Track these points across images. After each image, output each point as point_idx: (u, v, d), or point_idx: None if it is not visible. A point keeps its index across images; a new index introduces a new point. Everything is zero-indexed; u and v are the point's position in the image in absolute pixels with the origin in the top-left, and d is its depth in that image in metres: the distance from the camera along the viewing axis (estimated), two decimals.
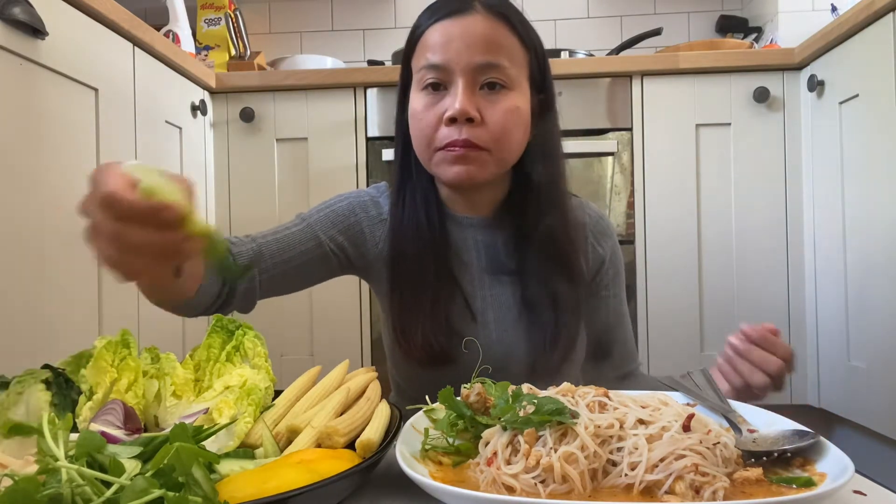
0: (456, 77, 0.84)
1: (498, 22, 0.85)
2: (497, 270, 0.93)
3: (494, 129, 0.84)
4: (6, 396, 0.57)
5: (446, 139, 0.84)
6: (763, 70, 1.81)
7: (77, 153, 1.29)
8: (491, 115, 0.84)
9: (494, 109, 0.84)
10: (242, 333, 0.68)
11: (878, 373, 1.49)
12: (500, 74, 0.84)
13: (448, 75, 0.84)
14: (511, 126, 0.85)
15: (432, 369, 0.86)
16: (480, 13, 0.85)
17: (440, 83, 0.85)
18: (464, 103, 0.82)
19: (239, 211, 1.93)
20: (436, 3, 0.89)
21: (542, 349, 0.89)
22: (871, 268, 1.51)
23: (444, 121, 0.84)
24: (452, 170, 0.85)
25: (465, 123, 0.83)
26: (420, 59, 0.87)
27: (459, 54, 0.83)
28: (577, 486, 0.46)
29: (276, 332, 1.88)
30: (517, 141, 0.88)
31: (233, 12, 2.24)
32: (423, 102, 0.86)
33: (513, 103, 0.85)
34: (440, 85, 0.85)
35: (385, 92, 1.90)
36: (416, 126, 0.88)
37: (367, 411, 0.62)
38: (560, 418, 0.50)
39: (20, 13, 1.10)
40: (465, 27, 0.84)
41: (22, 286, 1.13)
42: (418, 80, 0.87)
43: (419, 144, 0.88)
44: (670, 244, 1.83)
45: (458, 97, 0.82)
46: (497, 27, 0.85)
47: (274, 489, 0.44)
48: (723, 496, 0.44)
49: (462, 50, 0.83)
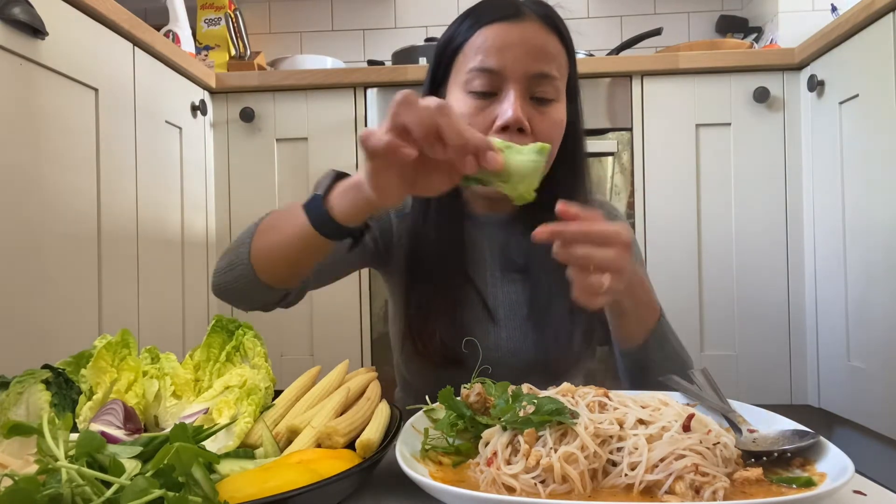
0: (509, 84, 0.82)
1: (550, 31, 0.84)
2: (509, 268, 0.92)
3: (543, 140, 0.80)
4: (6, 396, 0.57)
5: None
6: (763, 70, 1.81)
7: (77, 153, 1.29)
8: (540, 126, 0.83)
9: (543, 121, 0.83)
10: (242, 333, 0.68)
11: (878, 373, 1.49)
12: (550, 86, 0.83)
13: (500, 81, 0.82)
14: (556, 138, 0.85)
15: (445, 369, 0.86)
16: (535, 21, 0.83)
17: (491, 90, 0.83)
18: (517, 111, 0.80)
19: (239, 211, 1.93)
20: (482, 4, 0.87)
21: (555, 347, 0.88)
22: (871, 268, 1.51)
23: (494, 128, 0.82)
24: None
25: (517, 133, 0.81)
26: (469, 61, 0.84)
27: (516, 61, 0.81)
28: (577, 486, 0.46)
29: (276, 332, 1.88)
30: (554, 152, 0.86)
31: (233, 12, 2.24)
32: (470, 106, 0.83)
33: (559, 116, 0.85)
34: (490, 93, 0.83)
35: (385, 92, 1.90)
36: None
37: (367, 411, 0.62)
38: (560, 418, 0.50)
39: (20, 13, 1.10)
40: (522, 33, 0.82)
41: (22, 286, 1.13)
42: (464, 82, 0.84)
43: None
44: (670, 244, 1.83)
45: (513, 105, 0.80)
46: (550, 37, 0.84)
47: (274, 489, 0.44)
48: (723, 496, 0.44)
49: (520, 57, 0.81)
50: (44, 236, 1.19)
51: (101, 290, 1.34)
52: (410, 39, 2.45)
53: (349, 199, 0.65)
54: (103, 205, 1.36)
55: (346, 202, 0.65)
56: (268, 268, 0.75)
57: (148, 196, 1.55)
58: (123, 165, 1.45)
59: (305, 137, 1.92)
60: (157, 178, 1.60)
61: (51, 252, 1.20)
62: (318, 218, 0.66)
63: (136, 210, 1.49)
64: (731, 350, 1.83)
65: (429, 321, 0.87)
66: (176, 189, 1.71)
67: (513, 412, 0.52)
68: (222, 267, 0.79)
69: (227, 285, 0.79)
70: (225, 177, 1.94)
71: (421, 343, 0.88)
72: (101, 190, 1.35)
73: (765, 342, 1.81)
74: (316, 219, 0.66)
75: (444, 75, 0.89)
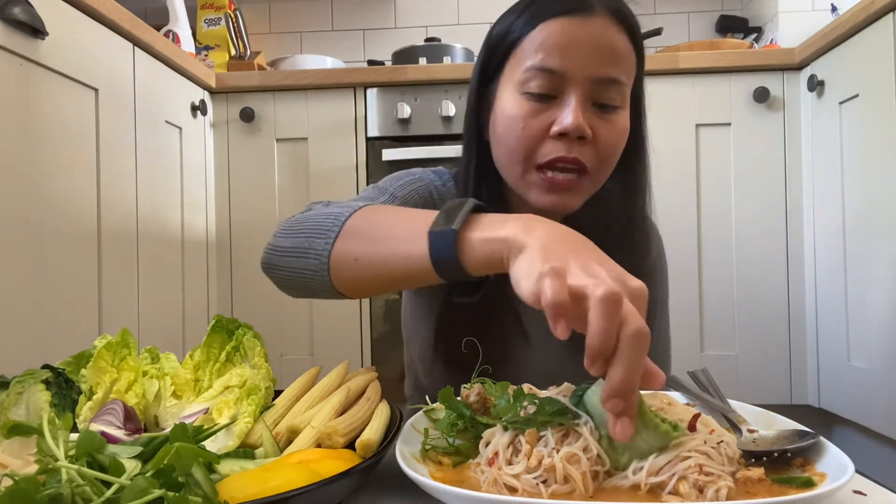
0: (571, 87, 0.74)
1: (621, 29, 0.75)
2: None
3: (604, 150, 0.75)
4: (6, 396, 0.57)
5: (551, 154, 0.74)
6: (763, 70, 1.81)
7: (77, 153, 1.29)
8: (603, 134, 0.75)
9: (607, 129, 0.75)
10: (242, 333, 0.68)
11: (878, 373, 1.49)
12: (616, 92, 0.75)
13: (562, 83, 0.74)
14: (620, 147, 0.78)
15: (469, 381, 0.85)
16: (604, 16, 0.74)
17: (550, 93, 0.74)
18: (578, 118, 0.72)
19: (239, 211, 1.93)
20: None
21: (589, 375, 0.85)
22: (871, 268, 1.51)
23: (551, 134, 0.74)
24: (547, 198, 0.76)
25: (576, 141, 0.74)
26: (527, 58, 0.75)
27: (582, 63, 0.73)
28: (579, 487, 0.46)
29: (276, 332, 1.88)
30: (615, 163, 0.79)
31: (233, 12, 2.24)
32: (525, 108, 0.75)
33: (624, 124, 0.77)
34: (549, 95, 0.75)
35: (385, 92, 1.90)
36: (513, 134, 0.76)
37: (367, 411, 0.62)
38: (562, 419, 0.49)
39: (20, 13, 1.10)
40: (590, 31, 0.73)
41: (22, 286, 1.13)
42: (520, 81, 0.76)
43: (513, 154, 0.77)
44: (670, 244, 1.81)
45: (574, 110, 0.72)
46: (621, 36, 0.75)
47: (274, 489, 0.44)
48: (726, 495, 0.44)
49: (585, 58, 0.73)
50: (44, 236, 1.19)
51: (101, 290, 1.34)
52: (410, 39, 2.45)
53: (490, 249, 0.52)
54: (103, 205, 1.36)
55: (485, 252, 0.53)
56: (350, 277, 0.64)
57: (148, 196, 1.55)
58: (123, 165, 1.45)
59: (305, 137, 1.92)
60: (157, 178, 1.60)
61: (51, 252, 1.20)
62: (442, 256, 0.55)
63: (136, 210, 1.49)
64: (731, 350, 1.83)
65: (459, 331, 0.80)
66: (176, 189, 1.71)
67: (514, 412, 0.52)
68: (286, 247, 0.68)
69: (286, 270, 0.68)
70: (225, 177, 1.94)
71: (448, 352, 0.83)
72: (101, 190, 1.35)
73: (765, 342, 1.81)
74: (440, 256, 0.55)
75: (496, 71, 0.80)
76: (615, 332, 0.42)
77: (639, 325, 0.42)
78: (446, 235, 0.54)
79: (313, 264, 0.65)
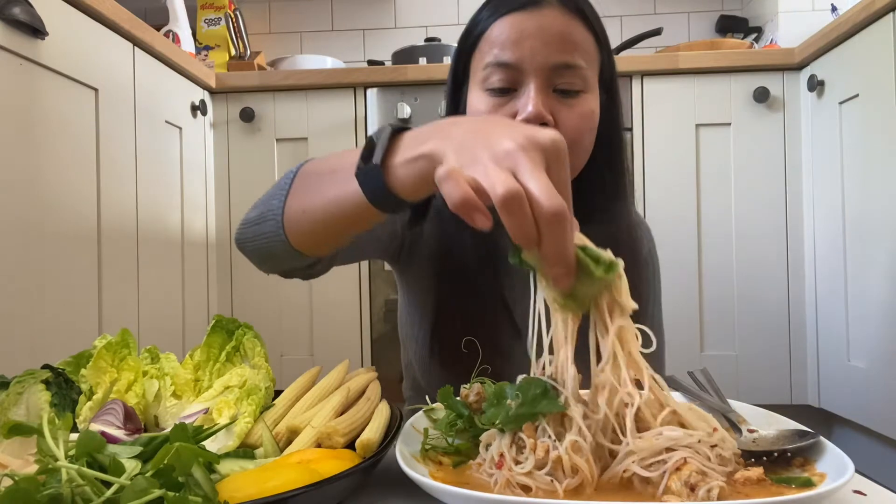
0: (528, 77, 0.76)
1: (574, 17, 0.78)
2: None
3: (571, 133, 0.76)
4: (6, 396, 0.57)
5: None
6: (763, 70, 1.81)
7: (77, 153, 1.29)
8: (565, 119, 0.77)
9: (570, 114, 0.77)
10: (242, 333, 0.68)
11: (878, 373, 1.49)
12: (575, 77, 0.77)
13: (519, 75, 0.77)
14: (585, 131, 0.79)
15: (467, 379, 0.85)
16: (555, 7, 0.77)
17: (509, 87, 0.77)
18: (538, 106, 0.75)
19: (239, 211, 1.93)
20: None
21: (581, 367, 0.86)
22: (871, 268, 1.51)
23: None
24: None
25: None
26: (485, 56, 0.79)
27: (534, 53, 0.76)
28: (587, 475, 0.47)
29: (276, 332, 1.88)
30: (587, 147, 0.81)
31: (233, 12, 2.24)
32: (488, 104, 0.78)
33: (588, 107, 0.79)
34: (510, 89, 0.77)
35: (385, 92, 1.90)
36: None
37: (366, 411, 0.62)
38: (548, 405, 0.49)
39: (20, 13, 1.10)
40: (539, 22, 0.76)
41: (22, 286, 1.13)
42: (481, 79, 0.79)
43: None
44: (670, 244, 1.83)
45: (532, 99, 0.75)
46: (573, 23, 0.78)
47: (274, 489, 0.44)
48: (717, 495, 0.44)
49: (537, 48, 0.76)
50: (44, 236, 1.19)
51: (101, 290, 1.34)
52: (410, 39, 2.45)
53: (416, 170, 0.52)
54: (103, 205, 1.36)
55: (412, 174, 0.52)
56: (302, 231, 0.65)
57: (148, 196, 1.55)
58: (123, 165, 1.45)
59: (305, 137, 1.92)
60: (157, 178, 1.60)
61: (51, 252, 1.20)
62: (374, 191, 0.55)
63: (136, 210, 1.49)
64: (731, 350, 1.83)
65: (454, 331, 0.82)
66: (176, 189, 1.71)
67: (504, 413, 0.52)
68: (251, 218, 0.70)
69: (253, 240, 0.69)
70: (225, 177, 1.94)
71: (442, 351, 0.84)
72: (101, 190, 1.35)
73: (765, 342, 1.81)
74: (372, 192, 0.55)
75: (464, 74, 0.83)
76: (529, 221, 0.44)
77: (550, 204, 0.43)
78: (372, 171, 0.54)
79: (271, 226, 0.66)
